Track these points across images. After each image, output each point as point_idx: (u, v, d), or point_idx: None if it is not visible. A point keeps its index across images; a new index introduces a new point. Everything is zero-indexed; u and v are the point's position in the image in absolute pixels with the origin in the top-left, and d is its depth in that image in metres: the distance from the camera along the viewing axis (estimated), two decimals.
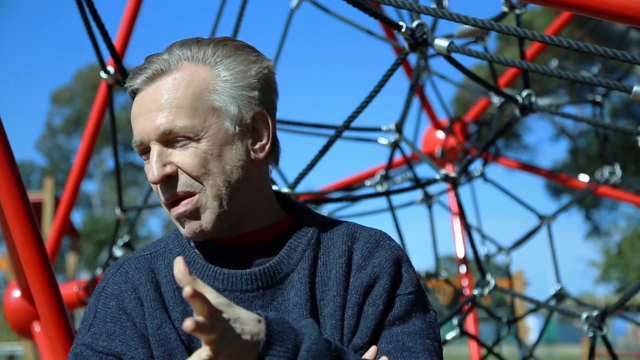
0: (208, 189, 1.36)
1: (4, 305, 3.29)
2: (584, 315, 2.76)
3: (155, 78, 1.38)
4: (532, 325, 24.70)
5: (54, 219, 3.84)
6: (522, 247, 4.61)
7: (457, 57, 2.35)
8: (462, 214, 3.25)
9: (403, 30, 2.29)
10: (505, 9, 3.19)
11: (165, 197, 1.38)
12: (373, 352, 1.36)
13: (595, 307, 2.97)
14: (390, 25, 2.34)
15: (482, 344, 3.83)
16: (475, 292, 2.96)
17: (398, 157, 4.28)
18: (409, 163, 3.80)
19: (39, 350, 2.94)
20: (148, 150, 1.39)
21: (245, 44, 1.45)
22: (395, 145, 3.53)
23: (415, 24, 2.30)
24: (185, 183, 1.36)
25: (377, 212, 4.37)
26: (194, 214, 1.37)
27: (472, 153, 4.92)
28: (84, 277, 20.61)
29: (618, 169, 4.39)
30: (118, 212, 3.66)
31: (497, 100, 4.57)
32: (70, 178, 3.66)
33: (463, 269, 4.80)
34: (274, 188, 1.56)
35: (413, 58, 4.74)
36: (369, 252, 1.42)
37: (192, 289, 1.08)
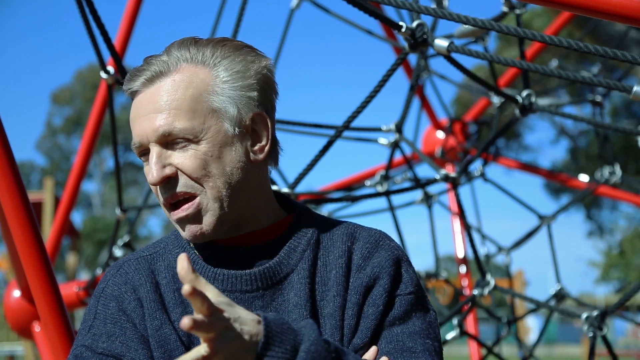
0: (208, 191, 1.36)
1: (4, 305, 3.29)
2: (584, 315, 2.76)
3: (154, 80, 1.37)
4: (532, 325, 24.69)
5: (54, 219, 3.84)
6: (522, 247, 4.62)
7: (457, 57, 2.35)
8: (462, 214, 3.25)
9: (403, 30, 2.29)
10: (505, 9, 3.19)
11: (165, 198, 1.38)
12: (373, 352, 1.36)
13: (595, 307, 2.97)
14: (390, 25, 2.34)
15: (482, 344, 3.83)
16: (475, 292, 2.96)
17: (398, 157, 4.28)
18: (409, 163, 3.80)
19: (39, 350, 2.94)
20: (147, 152, 1.39)
21: (244, 44, 1.44)
22: (395, 145, 3.53)
23: (415, 24, 2.30)
24: (185, 184, 1.36)
25: (377, 212, 4.37)
26: (195, 218, 1.37)
27: (472, 153, 4.92)
28: (84, 277, 20.60)
29: (618, 169, 4.39)
30: (118, 212, 3.66)
31: (497, 100, 4.57)
32: (70, 178, 3.66)
33: (463, 269, 4.80)
34: (274, 188, 1.55)
35: (413, 58, 4.74)
36: (369, 252, 1.42)
37: (191, 287, 1.08)
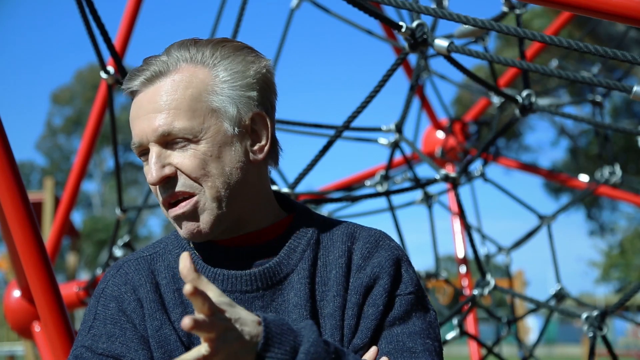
0: (207, 191, 1.36)
1: (4, 305, 3.29)
2: (584, 315, 2.76)
3: (154, 80, 1.37)
4: (532, 325, 24.70)
5: (54, 219, 3.84)
6: (522, 247, 4.62)
7: (457, 57, 2.35)
8: (462, 214, 3.25)
9: (403, 30, 2.29)
10: (505, 9, 3.19)
11: (164, 197, 1.38)
12: (373, 352, 1.36)
13: (595, 307, 2.96)
14: (390, 25, 2.34)
15: (482, 344, 3.83)
16: (475, 292, 2.96)
17: (398, 157, 4.28)
18: (409, 163, 3.80)
19: (39, 350, 2.94)
20: (147, 152, 1.39)
21: (244, 45, 1.44)
22: (395, 145, 3.53)
23: (415, 24, 2.30)
24: (184, 184, 1.36)
25: (377, 212, 4.37)
26: (192, 215, 1.37)
27: (472, 153, 4.92)
28: (84, 277, 20.60)
29: (618, 169, 4.39)
30: (118, 212, 3.66)
31: (497, 100, 4.57)
32: (70, 178, 3.66)
33: (463, 269, 4.80)
34: (274, 188, 1.55)
35: (413, 58, 4.74)
36: (369, 252, 1.42)
37: (192, 287, 1.08)
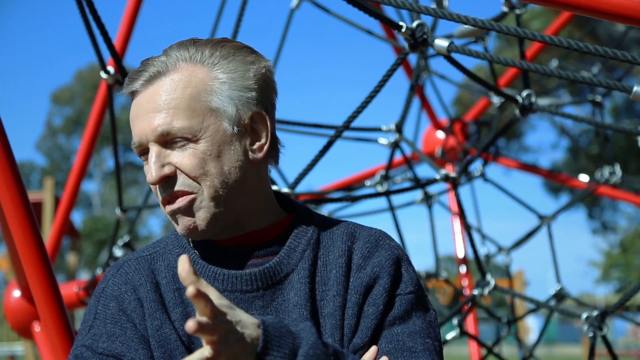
0: (205, 190, 1.36)
1: (4, 305, 3.29)
2: (584, 315, 2.76)
3: (153, 80, 1.38)
4: (532, 325, 24.69)
5: (54, 219, 3.84)
6: (522, 247, 4.62)
7: (457, 57, 2.35)
8: (462, 214, 3.25)
9: (403, 30, 2.29)
10: (505, 9, 3.19)
11: (163, 196, 1.38)
12: (373, 352, 1.36)
13: (595, 307, 2.96)
14: (390, 25, 2.34)
15: (482, 344, 3.83)
16: (475, 292, 2.96)
17: (398, 157, 4.29)
18: (409, 163, 3.80)
19: (39, 350, 2.94)
20: (147, 152, 1.39)
21: (243, 45, 1.45)
22: (395, 145, 3.53)
23: (415, 24, 2.30)
24: (183, 183, 1.36)
25: (377, 212, 4.38)
26: (188, 211, 1.37)
27: (472, 153, 4.92)
28: (84, 277, 20.60)
29: (618, 169, 4.40)
30: (118, 212, 3.66)
31: (497, 100, 4.58)
32: (70, 178, 3.66)
33: (463, 269, 4.80)
34: (274, 188, 1.55)
35: (413, 58, 4.74)
36: (369, 251, 1.42)
37: (195, 289, 1.08)
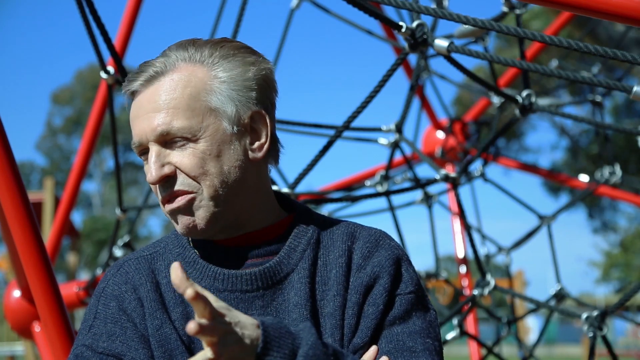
0: (205, 189, 1.36)
1: (4, 305, 3.29)
2: (584, 315, 2.76)
3: (153, 80, 1.38)
4: (532, 325, 24.69)
5: (54, 219, 3.84)
6: (522, 247, 4.62)
7: (457, 57, 2.35)
8: (462, 214, 3.25)
9: (403, 30, 2.29)
10: (505, 9, 3.19)
11: (163, 196, 1.38)
12: (373, 352, 1.36)
13: (595, 307, 2.96)
14: (390, 25, 2.34)
15: (482, 344, 3.83)
16: (475, 292, 2.96)
17: (398, 157, 4.29)
18: (409, 163, 3.81)
19: (39, 350, 2.94)
20: (147, 151, 1.39)
21: (243, 45, 1.45)
22: (395, 145, 3.53)
23: (415, 24, 2.30)
24: (183, 183, 1.36)
25: (377, 212, 4.38)
26: (187, 210, 1.37)
27: (472, 153, 4.92)
28: (84, 277, 20.59)
29: (618, 169, 4.40)
30: (118, 212, 3.66)
31: (497, 100, 4.58)
32: (70, 178, 3.66)
33: (463, 269, 4.80)
34: (274, 188, 1.55)
35: (413, 58, 4.74)
36: (369, 251, 1.42)
37: (194, 291, 1.08)
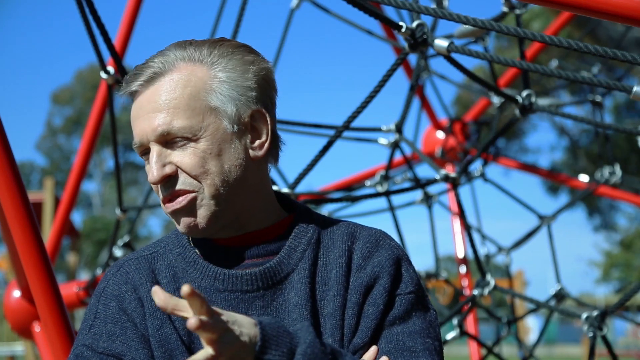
0: (206, 189, 1.36)
1: (4, 305, 3.29)
2: (584, 315, 2.76)
3: (153, 80, 1.38)
4: (532, 325, 24.69)
5: (54, 219, 3.84)
6: (522, 247, 4.62)
7: (457, 57, 2.35)
8: (462, 214, 3.25)
9: (403, 31, 2.29)
10: (505, 9, 3.19)
11: (164, 195, 1.38)
12: (373, 352, 1.36)
13: (595, 307, 2.96)
14: (390, 25, 2.34)
15: (482, 344, 3.83)
16: (475, 292, 2.96)
17: (398, 157, 4.28)
18: (409, 163, 3.81)
19: (39, 350, 2.94)
20: (148, 151, 1.39)
21: (241, 44, 1.45)
22: (395, 145, 3.53)
23: (415, 24, 2.30)
24: (184, 182, 1.37)
25: (377, 212, 4.37)
26: (188, 210, 1.37)
27: (472, 153, 4.92)
28: (84, 277, 20.60)
29: (618, 169, 4.39)
30: (118, 212, 3.66)
31: (497, 101, 4.58)
32: (70, 178, 3.66)
33: (463, 269, 4.80)
34: (274, 188, 1.56)
35: (413, 58, 4.74)
36: (369, 251, 1.42)
37: (190, 287, 1.08)
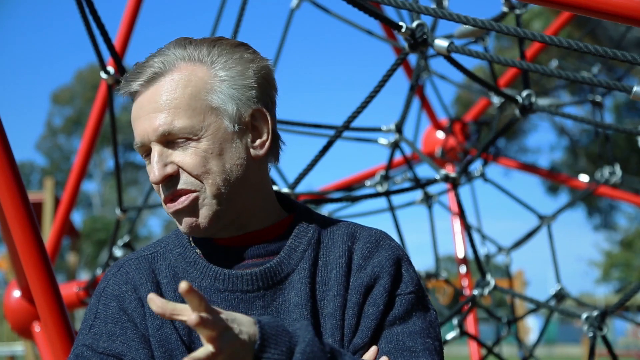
0: (207, 188, 1.36)
1: (4, 305, 3.29)
2: (584, 315, 2.76)
3: (153, 80, 1.38)
4: (532, 325, 24.69)
5: (54, 219, 3.84)
6: (522, 247, 4.62)
7: (457, 57, 2.35)
8: (462, 214, 3.25)
9: (403, 31, 2.29)
10: (505, 9, 3.20)
11: (166, 195, 1.38)
12: (373, 352, 1.36)
13: (595, 307, 2.96)
14: (390, 26, 2.34)
15: (482, 344, 3.83)
16: (475, 292, 2.96)
17: (398, 157, 4.28)
18: (409, 163, 3.81)
19: (39, 350, 2.94)
20: (149, 152, 1.39)
21: (240, 42, 1.45)
22: (395, 145, 3.53)
23: (415, 24, 2.30)
24: (186, 181, 1.37)
25: (377, 212, 4.37)
26: (191, 210, 1.37)
27: (472, 153, 4.92)
28: (84, 277, 20.60)
29: (618, 169, 4.39)
30: (118, 212, 3.66)
31: (497, 101, 4.58)
32: (70, 178, 3.66)
33: (463, 269, 4.80)
34: (274, 188, 1.56)
35: (413, 58, 4.74)
36: (369, 252, 1.42)
37: (187, 284, 1.08)
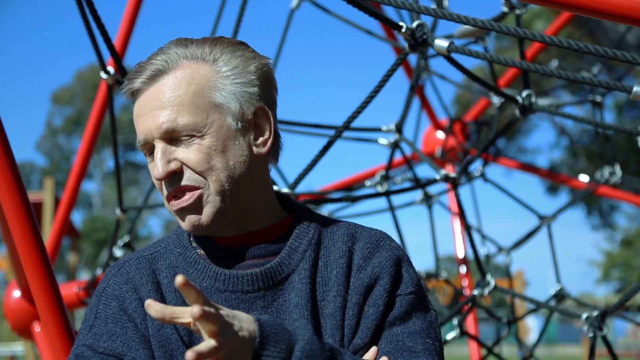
0: (211, 185, 1.36)
1: (4, 305, 3.29)
2: (584, 316, 2.76)
3: (155, 78, 1.38)
4: (532, 325, 24.69)
5: (54, 219, 3.84)
6: (522, 247, 4.62)
7: (457, 57, 2.35)
8: (462, 214, 3.26)
9: (403, 31, 2.29)
10: (505, 9, 3.20)
11: (169, 191, 1.38)
12: (373, 352, 1.36)
13: (595, 307, 2.96)
14: (390, 26, 2.34)
15: (482, 344, 3.83)
16: (475, 292, 2.96)
17: (398, 157, 4.28)
18: (409, 163, 3.81)
19: (39, 350, 2.94)
20: (152, 149, 1.40)
21: (240, 42, 1.46)
22: (395, 146, 3.53)
23: (415, 24, 2.30)
24: (190, 178, 1.37)
25: (377, 212, 4.37)
26: (194, 208, 1.37)
27: (472, 153, 4.92)
28: (84, 277, 20.60)
29: (618, 169, 4.39)
30: (118, 212, 3.66)
31: (497, 101, 4.58)
32: (70, 178, 3.66)
33: (463, 269, 4.80)
34: (274, 188, 1.56)
35: (413, 58, 4.74)
36: (370, 252, 1.42)
37: (184, 278, 1.09)
